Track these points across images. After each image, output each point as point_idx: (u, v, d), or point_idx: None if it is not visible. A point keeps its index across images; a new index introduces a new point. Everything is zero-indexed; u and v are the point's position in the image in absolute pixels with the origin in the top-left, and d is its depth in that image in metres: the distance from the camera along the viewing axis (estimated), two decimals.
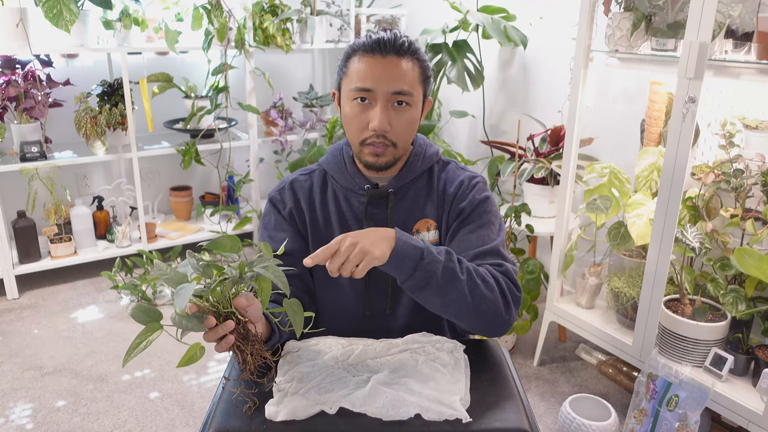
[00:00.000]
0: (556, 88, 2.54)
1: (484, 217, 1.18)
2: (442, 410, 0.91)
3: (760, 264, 1.52)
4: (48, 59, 2.69)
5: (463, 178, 1.22)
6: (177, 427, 1.88)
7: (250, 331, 0.91)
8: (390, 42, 1.09)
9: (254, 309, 0.93)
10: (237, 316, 0.89)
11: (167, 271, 0.85)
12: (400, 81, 1.09)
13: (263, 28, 2.87)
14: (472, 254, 1.13)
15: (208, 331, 0.87)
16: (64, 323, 2.47)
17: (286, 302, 0.93)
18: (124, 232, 2.87)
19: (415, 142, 1.24)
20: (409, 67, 1.10)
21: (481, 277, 1.06)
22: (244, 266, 0.88)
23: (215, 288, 0.87)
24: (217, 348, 0.90)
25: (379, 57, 1.09)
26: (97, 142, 2.76)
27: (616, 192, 1.96)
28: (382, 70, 1.08)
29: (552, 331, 2.40)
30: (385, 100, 1.10)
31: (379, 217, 1.19)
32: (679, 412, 1.54)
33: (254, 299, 0.93)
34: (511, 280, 1.11)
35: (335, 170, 1.22)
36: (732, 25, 1.55)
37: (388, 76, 1.08)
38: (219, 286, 0.87)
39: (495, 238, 1.17)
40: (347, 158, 1.22)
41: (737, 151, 1.71)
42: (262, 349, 0.93)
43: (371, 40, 1.10)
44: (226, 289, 0.88)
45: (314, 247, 1.21)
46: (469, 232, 1.17)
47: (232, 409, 0.94)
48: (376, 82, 1.08)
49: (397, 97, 1.10)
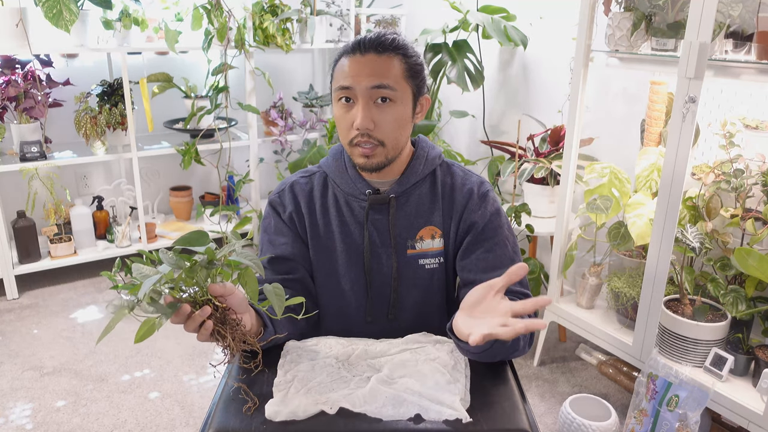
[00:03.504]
0: (556, 88, 2.54)
1: (499, 234, 1.17)
2: (442, 410, 0.91)
3: (761, 264, 1.52)
4: (48, 59, 2.69)
5: (472, 186, 1.19)
6: (177, 427, 1.88)
7: (229, 316, 0.92)
8: (371, 41, 1.09)
9: (235, 299, 0.93)
10: (215, 303, 0.91)
11: (144, 271, 0.87)
12: (379, 76, 1.08)
13: (263, 28, 2.87)
14: (495, 278, 1.13)
15: (187, 319, 0.88)
16: (64, 323, 2.47)
17: (266, 287, 0.94)
18: (124, 232, 2.87)
19: (417, 145, 1.22)
20: (391, 63, 1.09)
21: (523, 337, 1.07)
22: (213, 252, 0.89)
23: (189, 277, 0.88)
24: (198, 337, 0.91)
25: (358, 56, 1.09)
26: (97, 142, 2.76)
27: (616, 192, 1.96)
28: (360, 68, 1.08)
29: (552, 331, 2.40)
30: (366, 97, 1.08)
31: (381, 223, 1.18)
32: (679, 412, 1.54)
33: (234, 288, 0.93)
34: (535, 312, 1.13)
35: (336, 174, 1.21)
36: (732, 24, 1.55)
37: (367, 72, 1.07)
38: (192, 274, 0.88)
39: (513, 258, 1.17)
40: (348, 161, 1.20)
41: (737, 151, 1.71)
42: (245, 333, 0.93)
43: (354, 41, 1.10)
44: (199, 277, 0.89)
45: (314, 252, 1.21)
46: (486, 251, 1.16)
47: (232, 409, 0.94)
48: (354, 80, 1.08)
49: (378, 92, 1.08)
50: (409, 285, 1.19)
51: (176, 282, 0.89)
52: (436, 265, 1.19)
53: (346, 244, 1.19)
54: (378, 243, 1.18)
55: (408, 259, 1.18)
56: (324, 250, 1.20)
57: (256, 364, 0.98)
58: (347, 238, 1.19)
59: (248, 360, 0.98)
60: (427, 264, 1.19)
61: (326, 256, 1.20)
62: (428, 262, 1.19)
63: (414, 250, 1.18)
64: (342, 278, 1.20)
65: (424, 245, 1.19)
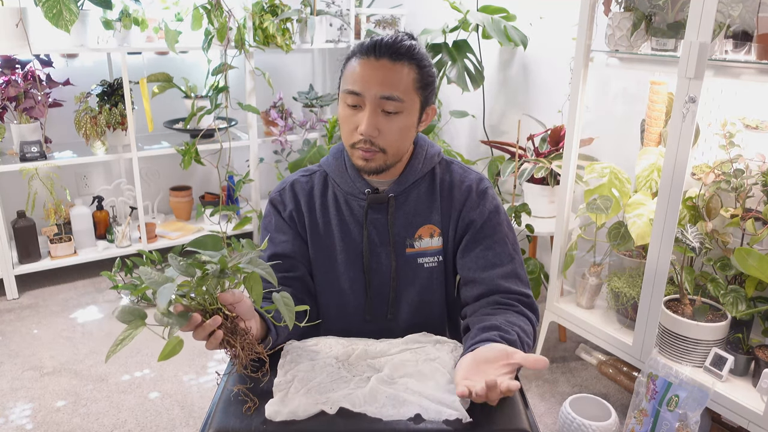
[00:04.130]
0: (556, 88, 2.54)
1: (498, 231, 1.17)
2: (442, 410, 0.91)
3: (761, 264, 1.52)
4: (48, 59, 2.69)
5: (470, 183, 1.19)
6: (177, 427, 1.88)
7: (239, 325, 0.91)
8: (388, 45, 1.06)
9: (243, 306, 0.93)
10: (224, 312, 0.90)
11: (153, 276, 0.85)
12: (390, 86, 1.06)
13: (263, 28, 2.87)
14: (496, 276, 1.13)
15: (196, 328, 0.87)
16: (64, 323, 2.47)
17: (275, 296, 0.93)
18: (124, 232, 2.87)
19: (416, 143, 1.21)
20: (404, 72, 1.07)
21: (528, 346, 1.07)
22: (226, 261, 0.88)
23: (199, 285, 0.87)
24: (207, 345, 0.90)
25: (373, 59, 1.06)
26: (97, 142, 2.76)
27: (616, 192, 1.96)
28: (372, 74, 1.06)
29: (552, 331, 2.40)
30: (374, 105, 1.07)
31: (380, 223, 1.18)
32: (679, 412, 1.54)
33: (242, 296, 0.92)
34: (535, 312, 1.13)
35: (336, 173, 1.21)
36: (732, 24, 1.55)
37: (378, 80, 1.06)
38: (202, 283, 0.88)
39: (513, 255, 1.16)
40: (348, 161, 1.20)
41: (737, 151, 1.71)
42: (253, 343, 0.93)
43: (370, 42, 1.08)
44: (210, 285, 0.88)
45: (313, 250, 1.21)
46: (485, 249, 1.16)
47: (232, 409, 0.94)
48: (365, 86, 1.06)
49: (386, 103, 1.06)
50: (407, 284, 1.19)
51: (188, 291, 0.88)
52: (435, 264, 1.19)
53: (346, 243, 1.19)
54: (377, 242, 1.18)
55: (407, 258, 1.18)
56: (323, 248, 1.20)
57: (263, 372, 0.97)
58: (346, 237, 1.19)
59: (255, 369, 0.97)
60: (426, 263, 1.19)
61: (326, 255, 1.20)
62: (427, 260, 1.19)
63: (413, 248, 1.18)
64: (341, 277, 1.20)
65: (423, 244, 1.19)
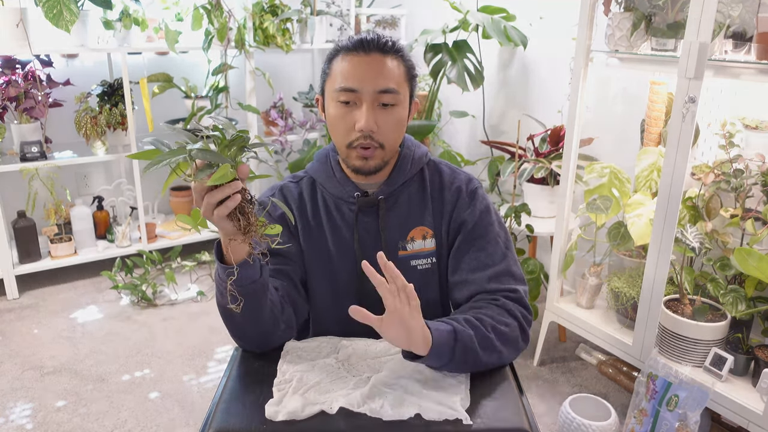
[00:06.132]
0: (556, 88, 2.54)
1: (490, 232, 1.16)
2: (442, 410, 0.91)
3: (760, 264, 1.52)
4: (48, 59, 2.70)
5: (460, 185, 1.19)
6: (177, 427, 1.88)
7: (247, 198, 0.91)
8: (373, 41, 1.07)
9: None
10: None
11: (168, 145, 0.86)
12: (386, 79, 1.07)
13: (263, 28, 2.87)
14: (486, 277, 1.12)
15: (217, 189, 0.86)
16: (64, 323, 2.47)
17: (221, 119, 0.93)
18: (124, 232, 2.87)
19: (403, 144, 1.21)
20: (395, 65, 1.09)
21: (502, 336, 1.04)
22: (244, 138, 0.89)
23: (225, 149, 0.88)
24: (218, 212, 0.88)
25: (363, 55, 1.07)
26: (97, 142, 2.76)
27: (616, 192, 1.96)
28: (366, 68, 1.06)
29: (552, 331, 2.40)
30: (371, 100, 1.07)
31: (371, 226, 1.17)
32: (679, 412, 1.54)
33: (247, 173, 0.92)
34: (525, 306, 1.11)
35: (323, 178, 1.20)
36: (732, 25, 1.55)
37: (374, 74, 1.06)
38: (229, 144, 0.88)
39: (505, 253, 1.15)
40: (334, 164, 1.19)
41: (737, 151, 1.71)
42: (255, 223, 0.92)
43: (354, 40, 1.08)
44: (233, 153, 0.89)
45: (307, 255, 1.19)
46: (478, 250, 1.15)
47: (232, 409, 0.94)
48: (360, 82, 1.06)
49: (384, 96, 1.07)
50: None
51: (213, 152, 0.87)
52: (429, 266, 1.19)
53: (338, 247, 1.18)
54: (369, 245, 1.17)
55: (399, 260, 1.17)
56: (317, 253, 1.19)
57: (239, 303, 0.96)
58: (339, 241, 1.18)
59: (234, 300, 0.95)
60: (419, 265, 1.18)
61: (319, 259, 1.19)
62: (420, 262, 1.18)
63: (405, 251, 1.18)
64: (335, 281, 1.19)
65: (416, 246, 1.18)
